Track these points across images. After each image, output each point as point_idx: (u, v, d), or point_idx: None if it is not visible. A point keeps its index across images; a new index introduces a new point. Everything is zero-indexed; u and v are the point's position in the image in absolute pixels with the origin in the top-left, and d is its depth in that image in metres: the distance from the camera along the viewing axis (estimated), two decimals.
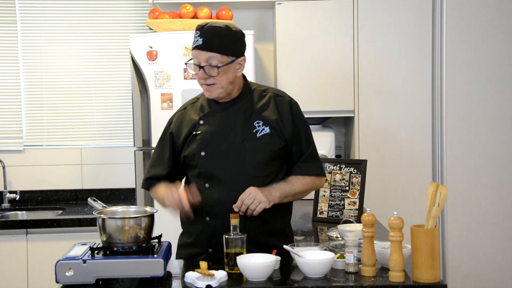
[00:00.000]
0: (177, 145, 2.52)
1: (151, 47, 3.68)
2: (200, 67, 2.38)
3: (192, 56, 2.42)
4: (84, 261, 2.09)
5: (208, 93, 2.42)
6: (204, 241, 2.44)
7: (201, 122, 2.47)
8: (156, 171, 2.55)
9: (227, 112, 2.47)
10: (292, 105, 2.51)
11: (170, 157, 2.53)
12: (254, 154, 2.41)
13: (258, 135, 2.43)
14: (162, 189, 2.47)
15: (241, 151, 2.41)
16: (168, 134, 2.55)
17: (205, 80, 2.39)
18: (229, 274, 2.14)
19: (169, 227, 2.73)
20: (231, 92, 2.46)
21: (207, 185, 2.43)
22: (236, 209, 2.33)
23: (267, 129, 2.44)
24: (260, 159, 2.41)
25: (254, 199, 2.32)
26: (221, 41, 2.39)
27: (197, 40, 2.39)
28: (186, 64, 2.46)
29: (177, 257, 2.54)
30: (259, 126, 2.44)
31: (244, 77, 2.52)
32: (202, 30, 2.39)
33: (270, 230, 2.45)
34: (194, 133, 2.46)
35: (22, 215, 4.18)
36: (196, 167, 2.46)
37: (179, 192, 2.38)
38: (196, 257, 2.46)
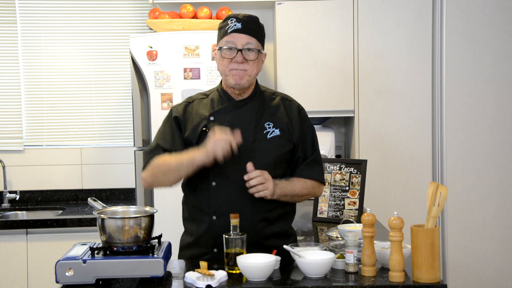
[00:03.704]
0: (182, 131, 2.45)
1: (151, 47, 3.68)
2: (238, 50, 2.39)
3: (225, 42, 2.41)
4: (84, 261, 2.09)
5: (238, 79, 2.40)
6: (210, 240, 2.43)
7: (212, 118, 2.46)
8: (167, 146, 2.44)
9: (239, 111, 2.47)
10: (301, 110, 2.54)
11: (180, 140, 2.45)
12: (264, 155, 2.42)
13: (268, 136, 2.44)
14: (185, 153, 2.36)
15: (251, 151, 2.41)
16: (173, 118, 2.47)
17: (239, 64, 2.39)
18: (229, 274, 2.14)
19: (169, 227, 2.73)
20: (250, 86, 2.47)
21: (214, 183, 2.42)
22: (246, 178, 2.31)
23: (277, 131, 2.45)
24: (269, 160, 2.42)
25: (264, 183, 2.32)
26: (258, 28, 2.47)
27: (234, 25, 2.41)
28: (219, 49, 2.43)
29: (180, 258, 2.53)
30: (269, 127, 2.45)
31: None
32: (238, 17, 2.44)
33: (275, 232, 2.46)
34: (204, 129, 2.45)
35: (22, 215, 4.18)
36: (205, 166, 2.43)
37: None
38: (200, 257, 2.45)
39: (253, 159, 2.39)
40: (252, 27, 2.44)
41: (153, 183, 2.48)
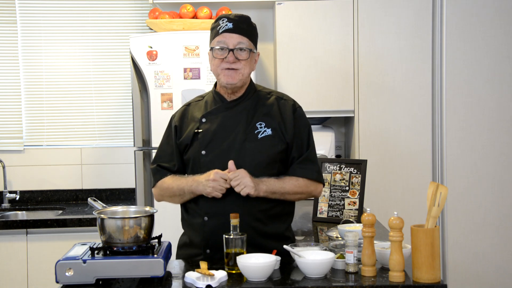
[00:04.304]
0: (179, 139, 2.51)
1: (151, 47, 3.68)
2: (230, 49, 2.39)
3: (217, 42, 2.43)
4: (84, 261, 2.09)
5: (229, 78, 2.41)
6: (202, 241, 2.43)
7: (204, 120, 2.47)
8: (166, 164, 2.54)
9: (230, 111, 2.47)
10: (296, 108, 2.52)
11: (177, 152, 2.52)
12: (254, 155, 2.41)
13: (259, 136, 2.43)
14: (185, 182, 2.45)
15: (241, 151, 2.41)
16: (173, 128, 2.54)
17: (231, 64, 2.40)
18: (229, 274, 2.14)
19: (169, 227, 2.73)
20: (243, 86, 2.47)
21: None
22: (228, 185, 2.34)
23: (268, 131, 2.44)
24: (260, 160, 2.41)
25: (240, 181, 2.32)
26: (250, 28, 2.48)
27: (226, 25, 2.42)
28: (211, 49, 2.45)
29: (177, 258, 2.54)
30: (261, 127, 2.44)
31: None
32: (230, 17, 2.45)
33: (270, 233, 2.44)
34: (196, 131, 2.46)
35: (22, 215, 4.18)
36: (197, 167, 2.45)
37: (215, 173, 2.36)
38: (194, 257, 2.46)
39: (244, 159, 2.39)
40: (244, 26, 2.44)
41: (163, 200, 2.59)
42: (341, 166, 3.24)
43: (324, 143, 3.97)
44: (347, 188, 3.21)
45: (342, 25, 3.91)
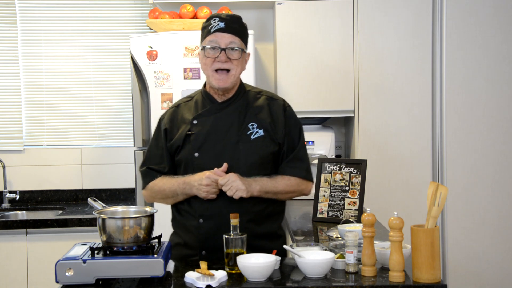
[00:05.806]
0: (170, 141, 2.50)
1: (151, 47, 3.68)
2: (222, 49, 2.39)
3: (208, 41, 2.42)
4: (84, 261, 2.09)
5: (221, 82, 2.41)
6: (197, 243, 2.43)
7: (195, 122, 2.46)
8: (156, 167, 2.54)
9: (222, 112, 2.46)
10: (286, 108, 2.52)
11: (167, 154, 2.52)
12: (248, 156, 2.41)
13: (252, 137, 2.43)
14: (176, 180, 2.45)
15: (234, 152, 2.41)
16: (162, 131, 2.53)
17: (223, 63, 2.39)
18: (229, 274, 2.14)
19: (169, 227, 2.73)
20: (234, 86, 2.46)
21: None
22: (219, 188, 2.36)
23: (261, 132, 2.44)
24: (253, 161, 2.41)
25: (231, 186, 2.31)
26: (241, 28, 2.47)
27: (217, 24, 2.41)
28: (203, 49, 2.43)
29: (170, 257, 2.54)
30: (253, 128, 2.44)
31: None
32: (222, 16, 2.43)
33: (263, 233, 2.45)
34: (187, 133, 2.45)
35: (22, 215, 4.18)
36: (190, 169, 2.44)
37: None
38: (189, 258, 2.45)
39: (238, 161, 2.39)
40: (236, 26, 2.43)
41: (154, 201, 2.59)
42: (341, 166, 3.24)
43: (324, 143, 3.97)
44: (347, 188, 3.21)
45: (342, 25, 3.91)
